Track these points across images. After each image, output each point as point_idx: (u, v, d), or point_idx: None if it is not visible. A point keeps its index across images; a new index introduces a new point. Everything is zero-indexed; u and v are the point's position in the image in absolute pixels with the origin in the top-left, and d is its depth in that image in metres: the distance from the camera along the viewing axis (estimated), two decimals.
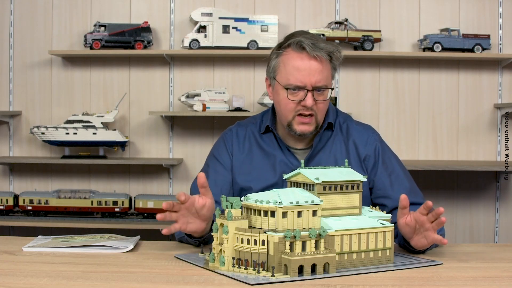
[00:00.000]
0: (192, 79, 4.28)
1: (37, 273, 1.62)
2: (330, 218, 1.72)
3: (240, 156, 2.22)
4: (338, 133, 2.22)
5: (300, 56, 2.06)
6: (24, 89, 4.32)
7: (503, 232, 4.29)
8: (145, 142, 4.31)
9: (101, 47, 4.07)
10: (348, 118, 2.28)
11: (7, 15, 4.28)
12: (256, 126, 2.27)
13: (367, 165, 2.19)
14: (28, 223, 4.06)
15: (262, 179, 2.16)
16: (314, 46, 2.04)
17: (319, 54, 2.04)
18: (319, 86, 2.06)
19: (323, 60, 2.06)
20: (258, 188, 2.14)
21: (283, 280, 1.55)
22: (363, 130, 2.25)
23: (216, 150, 2.29)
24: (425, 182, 4.22)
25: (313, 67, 2.04)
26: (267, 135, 2.24)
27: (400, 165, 2.23)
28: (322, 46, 2.06)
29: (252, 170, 2.19)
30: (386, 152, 2.23)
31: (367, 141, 2.21)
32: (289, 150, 2.19)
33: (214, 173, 2.22)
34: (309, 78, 2.04)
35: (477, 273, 1.69)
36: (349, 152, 2.19)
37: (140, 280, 1.59)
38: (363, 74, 4.26)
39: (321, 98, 2.09)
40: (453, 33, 4.09)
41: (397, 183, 2.16)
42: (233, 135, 2.27)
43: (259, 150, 2.22)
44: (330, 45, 2.10)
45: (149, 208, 4.04)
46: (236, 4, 4.27)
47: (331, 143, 2.20)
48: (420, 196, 2.18)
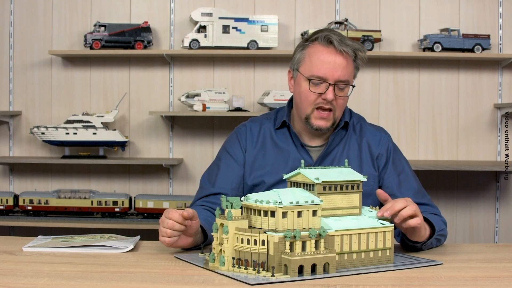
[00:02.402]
0: (192, 79, 4.28)
1: (37, 273, 1.62)
2: (330, 218, 1.73)
3: (253, 152, 2.23)
4: (352, 133, 2.25)
5: (327, 50, 2.10)
6: (24, 89, 4.32)
7: (503, 232, 4.29)
8: (145, 142, 4.31)
9: (101, 47, 4.07)
10: (362, 119, 2.32)
11: (7, 15, 4.28)
12: (270, 122, 2.28)
13: (379, 163, 2.21)
14: (28, 223, 4.06)
15: (275, 174, 2.16)
16: (341, 42, 2.09)
17: (345, 49, 2.08)
18: (342, 81, 2.09)
19: (348, 56, 2.10)
20: (270, 183, 2.16)
21: (283, 280, 1.55)
22: (376, 131, 2.29)
23: (229, 145, 2.28)
24: (425, 182, 4.18)
25: (338, 62, 2.08)
26: (282, 131, 2.25)
27: (409, 166, 2.27)
28: (348, 43, 2.11)
29: (265, 165, 2.20)
30: (397, 153, 2.27)
31: (380, 141, 2.24)
32: (303, 147, 2.20)
33: (226, 167, 2.22)
34: (332, 72, 2.08)
35: (477, 273, 1.69)
36: (361, 152, 2.21)
37: (140, 280, 1.59)
38: (363, 74, 4.26)
39: (341, 94, 2.12)
40: (453, 33, 4.09)
41: (405, 184, 2.19)
42: (247, 130, 2.27)
43: (273, 145, 2.23)
44: (357, 44, 2.14)
45: (149, 208, 4.05)
46: (236, 4, 4.27)
47: (345, 142, 2.22)
48: (427, 197, 2.21)
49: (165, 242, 1.82)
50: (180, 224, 1.81)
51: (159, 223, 1.85)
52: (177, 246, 1.88)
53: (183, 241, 1.87)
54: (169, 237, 1.81)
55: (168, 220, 1.81)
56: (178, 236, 1.83)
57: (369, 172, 2.15)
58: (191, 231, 1.86)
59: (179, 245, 1.87)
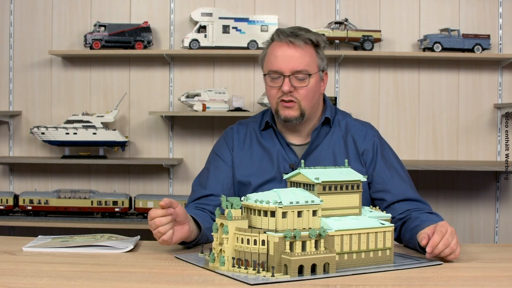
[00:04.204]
0: (192, 79, 4.28)
1: (37, 273, 1.62)
2: (330, 218, 1.73)
3: (240, 152, 2.25)
4: (337, 129, 2.24)
5: (278, 44, 2.14)
6: (24, 89, 4.31)
7: (503, 232, 4.29)
8: (145, 142, 4.31)
9: (101, 47, 4.07)
10: (348, 116, 2.32)
11: (7, 15, 4.28)
12: (256, 123, 2.31)
13: (365, 159, 2.21)
14: (28, 223, 4.06)
15: (261, 174, 2.19)
16: (291, 34, 2.12)
17: (293, 40, 2.11)
18: (297, 71, 2.11)
19: (301, 46, 2.11)
20: (257, 183, 2.17)
21: (283, 280, 1.55)
22: (362, 126, 2.28)
23: (217, 147, 2.32)
24: (425, 182, 4.22)
25: (289, 54, 2.11)
26: (267, 132, 2.27)
27: (398, 161, 2.26)
28: (300, 33, 2.13)
29: (251, 165, 2.22)
30: (385, 148, 2.26)
31: (365, 136, 2.24)
32: (288, 146, 2.22)
33: (215, 169, 2.25)
34: (285, 64, 2.11)
35: (477, 273, 1.69)
36: (347, 147, 2.21)
37: (140, 280, 1.59)
38: (363, 74, 4.26)
39: (301, 84, 2.13)
40: (453, 33, 4.09)
41: (396, 178, 2.19)
42: (233, 133, 2.31)
43: (259, 146, 2.25)
44: (312, 34, 2.16)
45: (149, 208, 4.04)
46: (236, 4, 4.27)
47: (330, 139, 2.22)
48: (417, 193, 2.21)
49: (164, 240, 1.82)
50: (165, 216, 1.81)
51: (151, 229, 1.85)
52: (179, 239, 1.88)
53: (180, 232, 1.87)
54: (164, 233, 1.81)
55: (153, 220, 1.82)
56: (171, 228, 1.83)
57: (357, 167, 2.14)
58: (180, 218, 1.87)
59: (179, 237, 1.87)
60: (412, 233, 1.97)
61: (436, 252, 1.76)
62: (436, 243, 1.76)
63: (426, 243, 1.78)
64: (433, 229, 1.80)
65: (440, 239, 1.76)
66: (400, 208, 2.13)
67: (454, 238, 1.79)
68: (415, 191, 2.20)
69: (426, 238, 1.79)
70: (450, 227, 1.81)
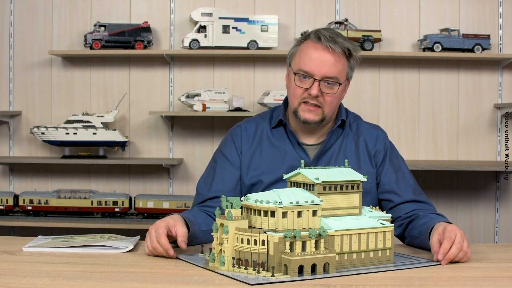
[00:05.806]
0: (192, 79, 4.28)
1: (37, 273, 1.62)
2: (330, 218, 1.73)
3: (249, 152, 2.22)
4: (349, 131, 2.25)
5: (315, 46, 2.10)
6: (24, 89, 4.31)
7: (503, 232, 4.29)
8: (145, 142, 4.31)
9: (101, 47, 4.07)
10: (358, 118, 2.34)
11: (7, 15, 4.28)
12: (266, 121, 2.28)
13: (377, 160, 2.23)
14: (28, 223, 4.06)
15: (272, 173, 2.17)
16: (331, 39, 2.09)
17: (333, 46, 2.08)
18: (328, 78, 2.09)
19: (338, 54, 2.09)
20: (268, 182, 2.16)
21: (283, 280, 1.55)
22: (373, 128, 2.30)
23: (224, 147, 2.28)
24: (425, 182, 4.22)
25: (324, 58, 2.09)
26: (278, 130, 2.25)
27: (405, 164, 2.29)
28: (339, 40, 2.10)
29: (262, 164, 2.20)
30: (393, 150, 2.29)
31: (377, 138, 2.26)
32: (299, 145, 2.20)
33: (221, 170, 2.23)
34: (318, 68, 2.08)
35: (477, 273, 1.69)
36: (359, 149, 2.22)
37: (140, 280, 1.59)
38: (363, 74, 4.26)
39: (329, 91, 2.11)
40: (453, 33, 4.09)
41: (403, 180, 2.21)
42: (242, 131, 2.27)
43: (269, 144, 2.23)
44: (349, 43, 2.13)
45: (149, 208, 4.05)
46: (236, 4, 4.27)
47: (342, 140, 2.23)
48: (423, 195, 2.22)
49: (170, 255, 1.83)
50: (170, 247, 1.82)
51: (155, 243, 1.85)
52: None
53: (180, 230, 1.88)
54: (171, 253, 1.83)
55: (161, 249, 1.83)
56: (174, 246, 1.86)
57: (367, 169, 2.16)
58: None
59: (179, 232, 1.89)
60: (421, 229, 1.99)
61: (450, 257, 1.76)
62: (447, 250, 1.77)
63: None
64: (442, 234, 1.81)
65: (450, 246, 1.77)
66: (406, 208, 2.15)
67: (465, 241, 1.80)
68: (420, 192, 2.22)
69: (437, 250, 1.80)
70: (459, 230, 1.82)
